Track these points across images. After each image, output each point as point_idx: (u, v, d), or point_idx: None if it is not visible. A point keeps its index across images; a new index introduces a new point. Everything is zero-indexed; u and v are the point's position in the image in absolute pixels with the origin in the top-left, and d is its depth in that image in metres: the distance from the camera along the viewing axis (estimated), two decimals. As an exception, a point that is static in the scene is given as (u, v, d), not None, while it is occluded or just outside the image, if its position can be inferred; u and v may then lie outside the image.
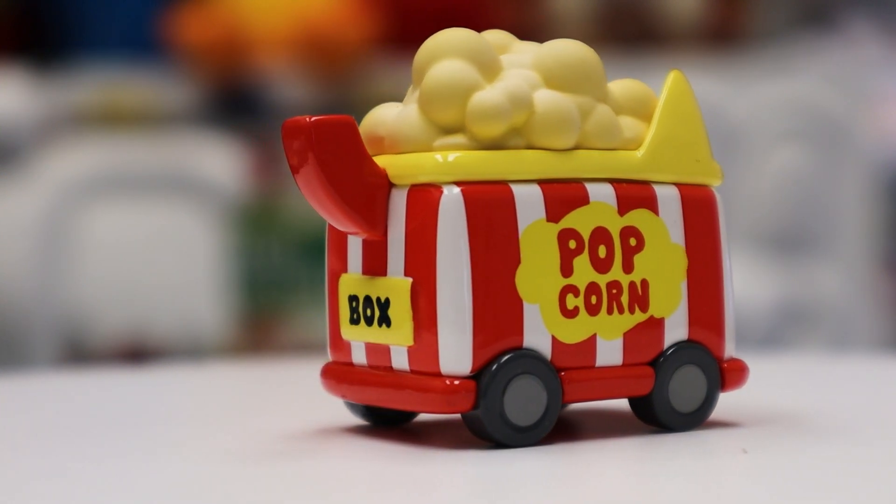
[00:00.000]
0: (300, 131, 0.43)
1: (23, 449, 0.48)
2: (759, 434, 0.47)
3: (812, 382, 0.64)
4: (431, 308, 0.43)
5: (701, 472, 0.42)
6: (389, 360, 0.44)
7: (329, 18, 1.42)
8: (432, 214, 0.43)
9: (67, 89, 1.41)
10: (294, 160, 0.43)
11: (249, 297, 1.36)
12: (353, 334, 0.45)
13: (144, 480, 0.41)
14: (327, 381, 0.47)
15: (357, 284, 0.45)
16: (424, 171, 0.43)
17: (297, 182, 0.44)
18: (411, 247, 0.44)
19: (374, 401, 0.46)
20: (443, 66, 0.44)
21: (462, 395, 0.43)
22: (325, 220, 0.45)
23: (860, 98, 1.43)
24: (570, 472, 0.42)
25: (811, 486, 0.39)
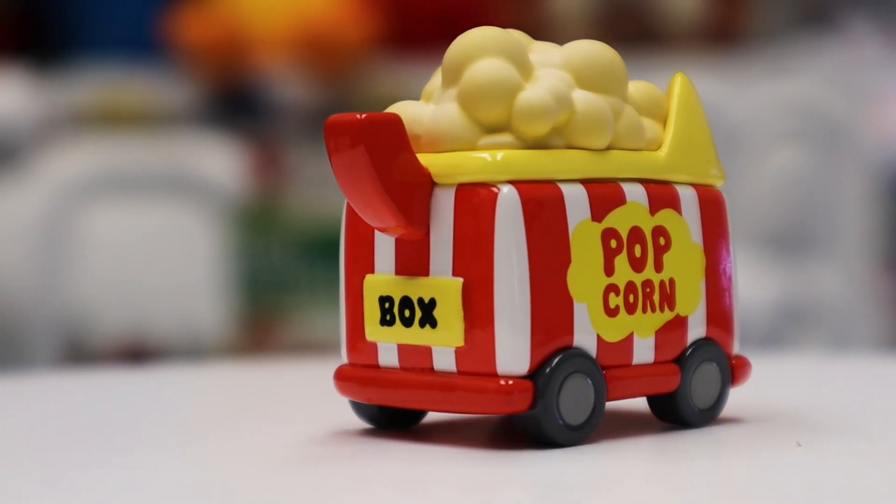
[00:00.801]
0: (350, 127, 0.42)
1: (23, 449, 0.48)
2: (759, 434, 0.47)
3: (812, 382, 0.64)
4: (487, 308, 0.43)
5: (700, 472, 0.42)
6: (430, 361, 0.44)
7: (329, 18, 1.42)
8: (488, 214, 0.43)
9: (67, 89, 1.41)
10: (340, 157, 0.43)
11: (249, 297, 1.37)
12: (385, 336, 0.45)
13: (145, 481, 0.41)
14: (346, 383, 0.46)
15: (391, 285, 0.44)
16: (474, 169, 0.43)
17: (341, 179, 0.43)
18: (462, 246, 0.43)
19: (411, 403, 0.45)
20: (485, 65, 0.44)
21: (521, 396, 0.42)
22: (365, 218, 0.44)
23: (860, 98, 1.43)
24: (614, 472, 0.42)
25: (811, 486, 0.39)
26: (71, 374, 0.87)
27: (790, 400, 0.55)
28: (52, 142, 1.36)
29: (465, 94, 0.44)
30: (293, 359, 0.95)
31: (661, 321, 0.46)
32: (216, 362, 1.13)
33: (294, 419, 0.54)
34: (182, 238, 1.33)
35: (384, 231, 0.44)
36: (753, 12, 1.69)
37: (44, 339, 1.27)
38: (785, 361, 0.80)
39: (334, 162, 0.43)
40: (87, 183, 1.31)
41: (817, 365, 0.78)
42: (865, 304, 1.37)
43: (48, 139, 1.36)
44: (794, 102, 1.37)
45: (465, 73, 0.44)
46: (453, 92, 0.44)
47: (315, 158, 1.42)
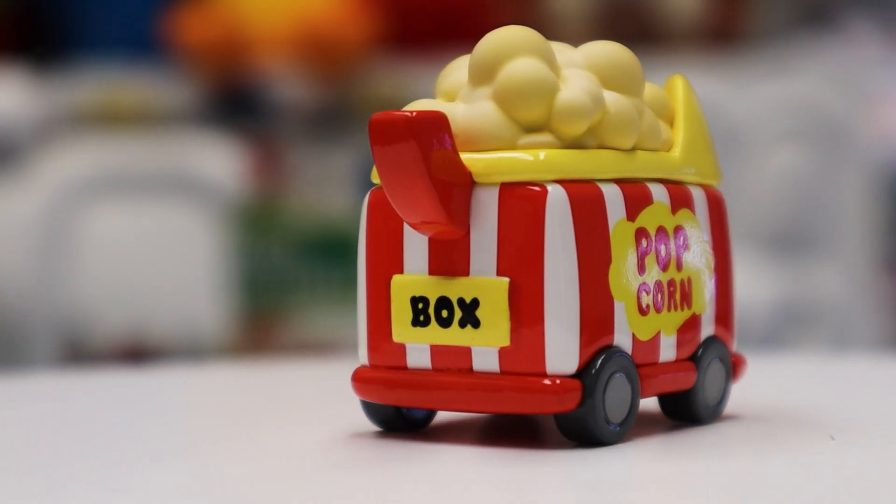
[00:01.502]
0: (402, 123, 0.42)
1: (22, 449, 0.48)
2: (759, 434, 0.47)
3: (812, 382, 0.64)
4: (536, 307, 0.43)
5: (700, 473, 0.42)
6: (469, 361, 0.44)
7: (329, 18, 1.42)
8: (538, 213, 0.43)
9: (67, 89, 1.41)
10: (389, 152, 0.42)
11: (249, 297, 1.37)
12: (417, 337, 0.44)
13: (145, 482, 0.41)
14: (369, 386, 0.45)
15: (425, 285, 0.44)
16: (519, 169, 0.43)
17: (388, 175, 0.43)
18: (508, 246, 0.43)
19: (448, 405, 0.44)
20: (523, 64, 0.43)
21: (571, 395, 0.43)
22: (407, 215, 0.43)
23: (860, 98, 1.43)
24: (651, 470, 0.42)
25: (811, 486, 0.40)
26: (71, 374, 0.87)
27: (790, 400, 0.55)
28: (51, 142, 1.36)
29: (504, 93, 0.43)
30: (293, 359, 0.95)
31: (681, 320, 0.46)
32: (216, 362, 1.13)
33: (296, 420, 0.54)
34: (182, 238, 1.33)
35: (424, 229, 0.44)
36: (753, 12, 1.69)
37: (44, 339, 1.27)
38: (785, 361, 0.80)
39: (381, 157, 0.43)
40: (87, 183, 1.31)
41: (817, 365, 0.78)
42: (865, 304, 1.37)
43: (48, 139, 1.36)
44: (794, 102, 1.37)
45: (502, 72, 0.44)
46: (487, 91, 0.44)
47: (315, 158, 1.42)
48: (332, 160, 1.41)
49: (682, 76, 0.48)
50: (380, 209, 0.45)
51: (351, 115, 1.42)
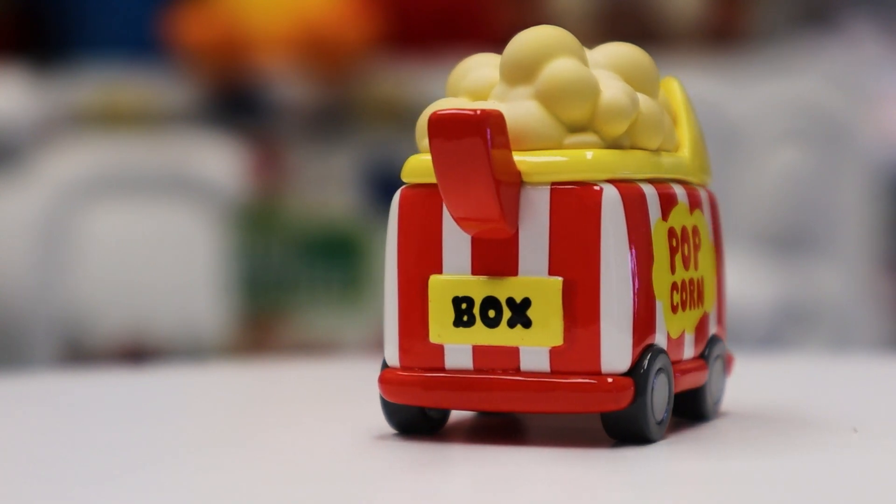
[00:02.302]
0: (468, 121, 0.42)
1: (22, 449, 0.48)
2: (758, 434, 0.47)
3: (812, 382, 0.64)
4: (591, 307, 0.43)
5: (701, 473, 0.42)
6: (517, 361, 0.43)
7: (329, 18, 1.42)
8: (593, 212, 0.43)
9: (67, 89, 1.41)
10: (452, 151, 0.42)
11: (249, 297, 1.37)
12: (459, 337, 0.44)
13: (145, 481, 0.41)
14: (402, 388, 0.45)
15: (469, 285, 0.44)
16: (572, 168, 0.43)
17: (450, 173, 0.42)
18: (561, 245, 0.43)
19: (494, 405, 0.44)
20: (566, 64, 0.44)
21: (625, 393, 0.43)
22: (462, 214, 0.43)
23: (860, 98, 1.43)
24: (700, 468, 0.42)
25: (811, 487, 0.40)
26: (71, 374, 0.87)
27: (789, 400, 0.55)
28: (51, 142, 1.36)
29: (549, 93, 0.44)
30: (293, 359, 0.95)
31: (697, 318, 0.47)
32: (216, 362, 1.13)
33: (298, 420, 0.54)
34: (182, 238, 1.33)
35: (474, 227, 0.43)
36: (753, 12, 1.69)
37: (43, 338, 1.27)
38: (785, 361, 0.80)
39: (442, 153, 0.42)
40: (87, 183, 1.31)
41: (817, 365, 0.78)
42: (865, 304, 1.37)
43: (48, 139, 1.36)
44: (794, 102, 1.37)
45: (544, 72, 0.44)
46: (527, 90, 0.44)
47: (315, 158, 1.42)
48: (332, 160, 1.41)
49: (676, 77, 0.49)
50: (414, 208, 0.44)
51: (351, 115, 1.42)
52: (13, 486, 0.41)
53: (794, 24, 1.71)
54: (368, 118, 1.41)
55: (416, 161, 0.44)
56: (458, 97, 0.46)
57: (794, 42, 1.56)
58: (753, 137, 1.36)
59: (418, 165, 0.44)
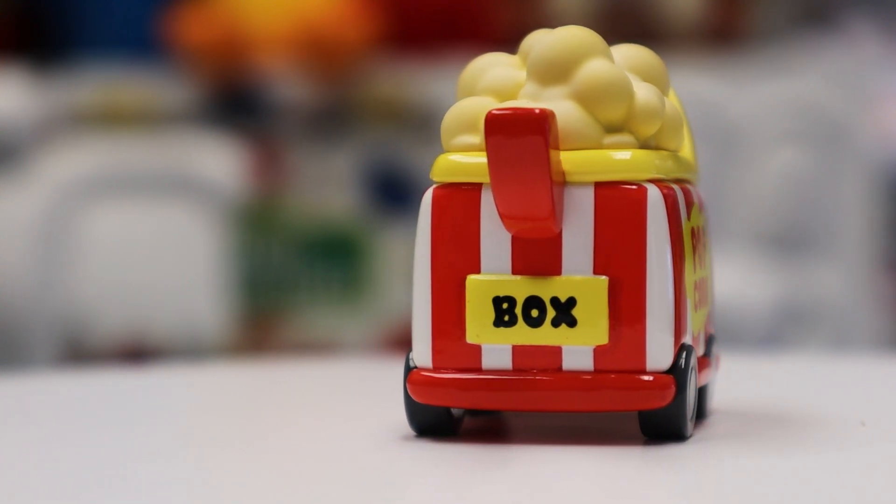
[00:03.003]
0: (531, 121, 0.42)
1: (22, 449, 0.48)
2: (758, 434, 0.47)
3: (812, 382, 0.64)
4: (637, 305, 0.43)
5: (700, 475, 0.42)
6: (559, 361, 0.44)
7: (329, 18, 1.42)
8: (639, 212, 0.43)
9: (67, 89, 1.41)
10: (511, 149, 0.42)
11: (249, 297, 1.37)
12: (500, 337, 0.44)
13: (146, 481, 0.41)
14: (438, 389, 0.44)
15: (510, 285, 0.44)
16: (615, 168, 0.43)
17: (508, 170, 0.42)
18: (606, 245, 0.43)
19: (537, 405, 0.44)
20: (602, 65, 0.44)
21: (669, 390, 0.43)
22: (514, 211, 0.43)
23: (860, 98, 1.43)
24: (739, 466, 0.42)
25: (811, 487, 0.40)
26: (70, 373, 0.87)
27: (789, 400, 0.55)
28: (52, 142, 1.36)
29: (588, 93, 0.44)
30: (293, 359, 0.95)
31: (705, 316, 0.47)
32: (216, 362, 1.13)
33: (299, 419, 0.54)
34: (182, 238, 1.33)
35: (524, 226, 0.43)
36: (753, 12, 1.69)
37: (43, 338, 1.27)
38: (785, 361, 0.80)
39: (501, 151, 0.42)
40: (87, 183, 1.31)
41: (817, 365, 0.78)
42: (865, 304, 1.37)
43: (48, 139, 1.36)
44: (794, 102, 1.37)
45: (581, 73, 0.44)
46: (562, 90, 0.44)
47: (315, 158, 1.42)
48: (332, 160, 1.41)
49: None
50: (448, 208, 0.44)
51: (351, 115, 1.42)
52: (13, 486, 0.41)
53: (794, 24, 1.71)
54: (368, 118, 1.41)
55: (448, 160, 0.44)
56: (480, 97, 0.45)
57: (794, 42, 1.56)
58: (753, 137, 1.36)
59: (451, 164, 0.44)
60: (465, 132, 0.45)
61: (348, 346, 1.35)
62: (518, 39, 0.48)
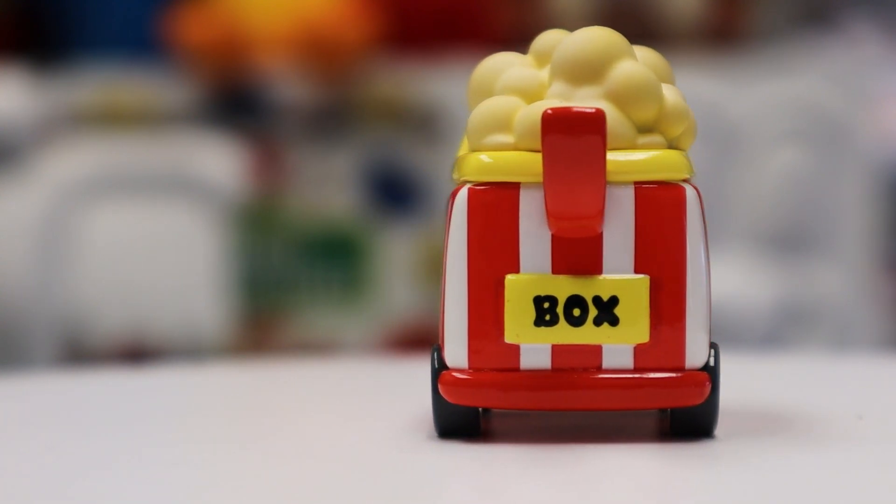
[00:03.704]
0: (591, 120, 0.43)
1: (22, 449, 0.48)
2: (758, 434, 0.47)
3: (812, 382, 0.64)
4: (677, 304, 0.44)
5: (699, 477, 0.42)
6: (599, 359, 0.44)
7: (329, 18, 1.42)
8: (680, 211, 0.44)
9: (67, 89, 1.41)
10: (569, 148, 0.43)
11: (249, 297, 1.37)
12: (539, 337, 0.44)
13: (145, 481, 0.41)
14: (477, 390, 0.44)
15: (551, 284, 0.44)
16: (655, 168, 0.44)
17: (562, 171, 0.43)
18: (648, 244, 0.44)
19: (577, 404, 0.44)
20: (634, 66, 0.44)
21: (706, 387, 0.44)
22: (569, 212, 0.43)
23: (860, 98, 1.43)
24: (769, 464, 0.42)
25: (811, 488, 0.39)
26: (70, 373, 0.86)
27: (789, 400, 0.55)
28: (52, 142, 1.36)
29: (622, 94, 0.44)
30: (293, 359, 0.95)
31: None
32: (216, 362, 1.13)
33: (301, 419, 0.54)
34: (182, 238, 1.33)
35: (572, 225, 0.44)
36: (753, 12, 1.69)
37: (43, 338, 1.27)
38: (784, 362, 0.80)
39: (559, 150, 0.43)
40: (87, 183, 1.31)
41: (817, 365, 0.78)
42: (865, 304, 1.37)
43: (48, 139, 1.36)
44: (794, 102, 1.37)
45: (615, 73, 0.44)
46: (595, 90, 0.44)
47: (315, 158, 1.42)
48: (332, 160, 1.41)
49: None
50: (486, 207, 0.44)
51: (351, 115, 1.42)
52: (13, 486, 0.41)
53: (794, 24, 1.71)
54: (368, 118, 1.41)
55: (483, 159, 0.44)
56: (505, 96, 0.45)
57: (794, 42, 1.55)
58: (753, 137, 1.36)
59: (488, 164, 0.44)
60: (496, 131, 0.45)
61: (348, 346, 1.35)
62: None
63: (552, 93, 0.45)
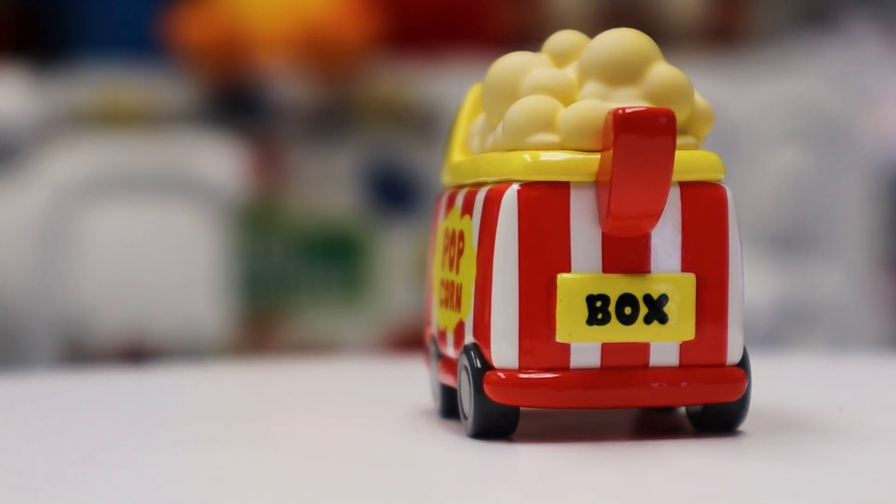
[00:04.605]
0: (665, 122, 0.43)
1: (22, 449, 0.48)
2: (757, 434, 0.47)
3: (812, 382, 0.64)
4: (720, 301, 0.45)
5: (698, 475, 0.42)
6: (646, 357, 0.44)
7: (329, 18, 1.42)
8: (722, 211, 0.45)
9: (67, 89, 1.41)
10: (643, 148, 0.43)
11: (249, 297, 1.37)
12: (591, 335, 0.44)
13: (145, 481, 0.41)
14: (531, 389, 0.44)
15: (603, 283, 0.44)
16: (697, 168, 0.45)
17: (634, 171, 0.43)
18: (694, 243, 0.45)
19: (626, 402, 0.45)
20: (669, 68, 0.45)
21: (744, 383, 0.46)
22: (634, 212, 0.44)
23: (860, 98, 1.43)
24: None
25: (811, 487, 0.40)
26: (71, 374, 0.87)
27: (789, 400, 0.55)
28: (51, 142, 1.36)
29: (660, 95, 0.45)
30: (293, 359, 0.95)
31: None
32: (216, 362, 1.13)
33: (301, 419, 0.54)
34: (182, 238, 1.33)
35: (633, 224, 0.44)
36: (753, 12, 1.69)
37: (43, 338, 1.27)
38: (784, 361, 0.80)
39: (632, 150, 0.43)
40: (87, 183, 1.31)
41: (817, 365, 0.78)
42: (865, 304, 1.37)
43: (48, 139, 1.36)
44: (794, 102, 1.37)
45: (652, 74, 0.45)
46: (634, 91, 0.45)
47: (315, 158, 1.42)
48: (332, 160, 1.41)
49: None
50: (535, 206, 0.44)
51: (351, 115, 1.42)
52: (13, 486, 0.41)
53: (794, 24, 1.71)
54: (368, 118, 1.41)
55: (533, 159, 0.44)
56: (541, 96, 0.45)
57: (794, 42, 1.56)
58: (753, 137, 1.36)
59: (539, 163, 0.44)
60: (541, 131, 0.45)
61: (348, 346, 1.35)
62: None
63: (588, 93, 0.45)
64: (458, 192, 0.48)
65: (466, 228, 0.46)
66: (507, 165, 0.45)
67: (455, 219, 0.48)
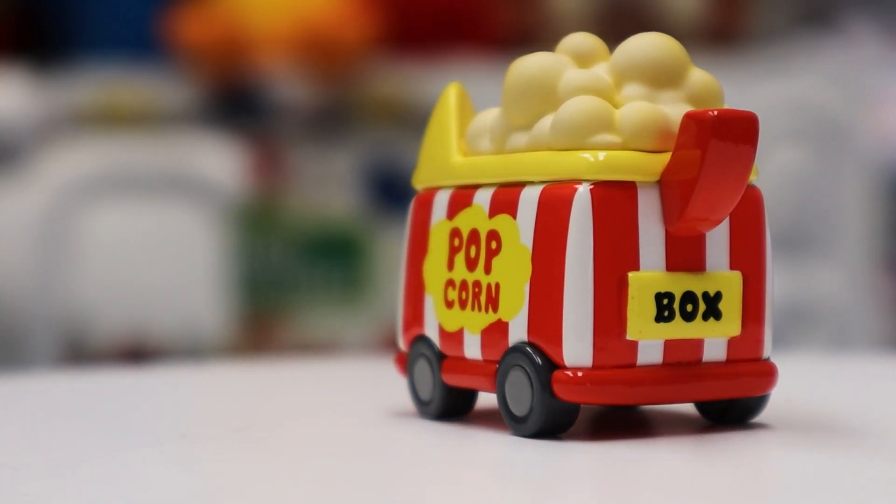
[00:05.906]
0: (754, 126, 0.45)
1: (22, 449, 0.48)
2: (757, 434, 0.47)
3: (812, 382, 0.64)
4: (760, 298, 0.47)
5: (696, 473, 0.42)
6: (700, 353, 0.46)
7: (329, 18, 1.42)
8: (759, 211, 0.47)
9: (67, 89, 1.41)
10: (731, 151, 0.44)
11: (249, 297, 1.37)
12: (657, 332, 0.45)
13: (145, 481, 0.41)
14: (604, 387, 0.44)
15: (668, 281, 0.45)
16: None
17: (720, 173, 0.44)
18: (739, 241, 0.46)
19: (682, 397, 0.46)
20: (705, 73, 0.47)
21: (776, 376, 0.48)
22: (717, 214, 0.45)
23: (860, 98, 1.43)
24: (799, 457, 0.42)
25: (810, 487, 0.40)
26: (71, 374, 0.87)
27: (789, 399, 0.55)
28: (52, 142, 1.36)
29: (702, 98, 0.47)
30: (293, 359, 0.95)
31: None
32: (216, 362, 1.13)
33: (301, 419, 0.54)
34: (182, 238, 1.33)
35: (707, 225, 0.45)
36: (753, 12, 1.69)
37: (44, 338, 1.27)
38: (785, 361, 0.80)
39: (720, 153, 0.44)
40: (87, 183, 1.31)
41: (817, 365, 0.78)
42: (865, 304, 1.37)
43: (48, 139, 1.36)
44: (794, 102, 1.37)
45: (692, 78, 0.47)
46: (676, 94, 0.46)
47: (315, 158, 1.42)
48: (332, 160, 1.41)
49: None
50: (609, 206, 0.45)
51: (351, 115, 1.42)
52: (13, 486, 0.41)
53: (794, 25, 1.71)
54: (368, 118, 1.41)
55: (593, 159, 0.45)
56: (591, 97, 0.46)
57: (794, 42, 1.55)
58: (753, 137, 1.36)
59: (606, 163, 0.45)
60: (602, 131, 0.45)
61: (348, 346, 1.35)
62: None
63: (631, 94, 0.46)
64: (473, 191, 0.48)
65: (505, 228, 0.46)
66: (568, 165, 0.45)
67: (476, 218, 0.47)
